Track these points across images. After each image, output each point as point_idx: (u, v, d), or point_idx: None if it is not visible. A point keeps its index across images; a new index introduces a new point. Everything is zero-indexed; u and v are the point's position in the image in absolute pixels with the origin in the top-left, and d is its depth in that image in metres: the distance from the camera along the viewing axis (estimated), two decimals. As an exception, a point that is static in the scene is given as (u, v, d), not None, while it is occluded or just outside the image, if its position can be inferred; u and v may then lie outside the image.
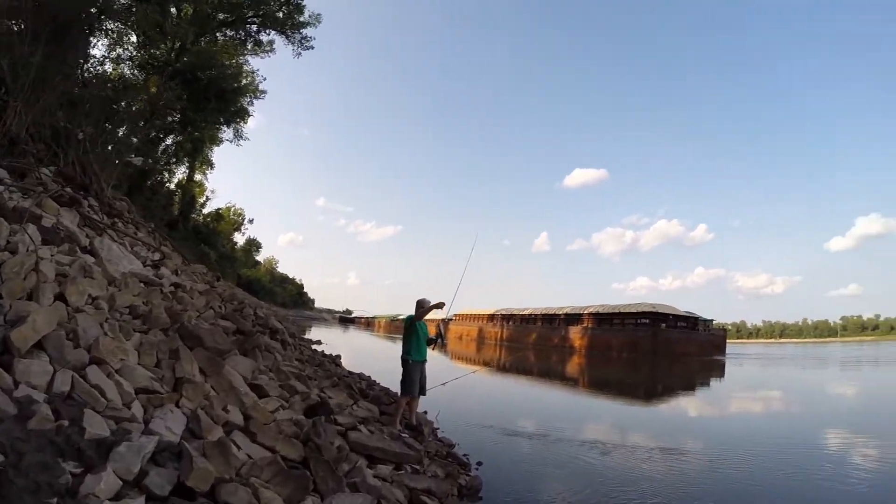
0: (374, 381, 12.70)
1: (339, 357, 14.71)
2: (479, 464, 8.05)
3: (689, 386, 24.18)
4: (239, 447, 4.61)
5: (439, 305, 8.70)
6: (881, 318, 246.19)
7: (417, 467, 6.56)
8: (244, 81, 39.22)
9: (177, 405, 4.87)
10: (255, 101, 41.46)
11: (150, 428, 4.21)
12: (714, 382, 26.83)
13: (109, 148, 13.09)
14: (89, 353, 4.78)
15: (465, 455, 8.28)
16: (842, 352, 73.54)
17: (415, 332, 8.65)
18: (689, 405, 17.88)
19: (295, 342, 13.31)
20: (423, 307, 8.66)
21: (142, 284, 8.08)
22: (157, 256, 10.83)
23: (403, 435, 7.54)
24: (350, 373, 12.57)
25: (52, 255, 6.68)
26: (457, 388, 10.73)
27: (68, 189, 9.69)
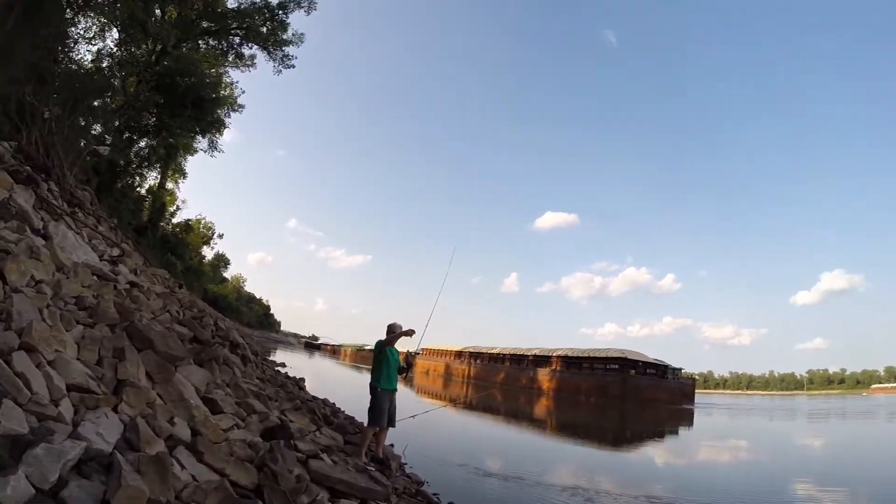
0: (339, 409, 11.91)
1: (302, 380, 13.79)
2: (450, 504, 7.36)
3: (660, 433, 23.78)
4: (182, 466, 3.91)
5: (409, 333, 7.94)
6: (847, 373, 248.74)
7: (384, 505, 5.86)
8: (223, 92, 38.96)
9: (114, 410, 4.14)
10: (232, 113, 40.96)
11: (79, 432, 3.52)
12: (684, 430, 26.60)
13: (76, 133, 12.23)
14: (20, 337, 4.08)
15: (435, 494, 7.58)
16: (809, 405, 74.27)
17: (385, 359, 7.99)
18: (660, 452, 17.44)
19: (257, 360, 12.49)
20: (394, 332, 8.01)
21: (94, 277, 7.34)
22: (115, 252, 10.06)
23: (370, 468, 6.77)
24: (314, 397, 11.74)
25: (-6, 230, 5.98)
26: (425, 422, 10.00)
27: (27, 167, 8.94)
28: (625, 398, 51.99)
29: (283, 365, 25.26)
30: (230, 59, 39.31)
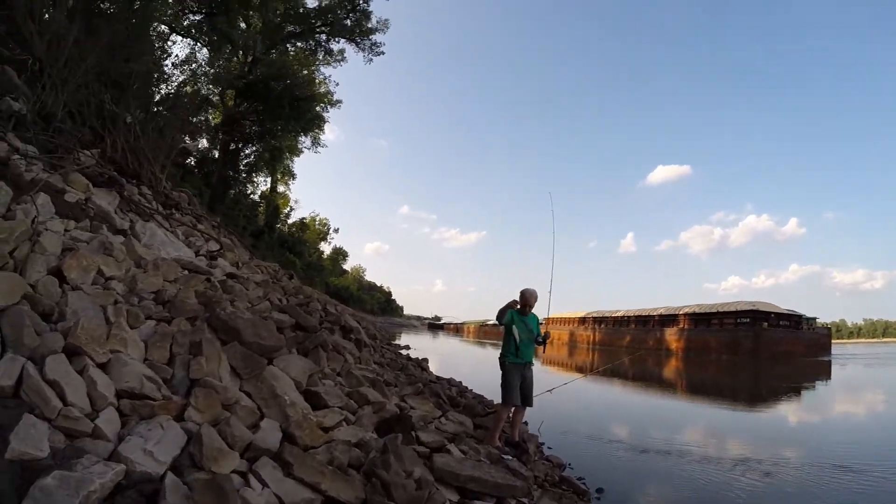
0: (466, 388, 11.03)
1: (425, 361, 13.03)
2: (600, 491, 6.26)
3: (796, 388, 21.16)
4: (264, 484, 3.11)
5: (512, 304, 7.18)
6: None
7: (525, 501, 4.90)
8: (317, 90, 39.38)
9: (180, 418, 3.39)
10: (330, 109, 41.65)
11: (119, 451, 2.75)
12: (822, 384, 24.21)
13: (162, 134, 11.91)
14: (65, 338, 3.38)
15: (580, 479, 6.51)
16: None
17: (509, 329, 7.03)
18: (802, 410, 15.69)
19: (376, 344, 11.80)
20: (525, 298, 7.17)
21: (185, 271, 6.74)
22: (215, 247, 9.55)
23: (505, 456, 5.83)
24: (438, 378, 10.91)
25: (65, 230, 5.42)
26: (561, 395, 8.93)
27: (109, 169, 8.53)
28: (758, 353, 49.03)
29: (408, 347, 25.02)
30: (320, 56, 39.54)
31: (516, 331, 6.96)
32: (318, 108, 38.96)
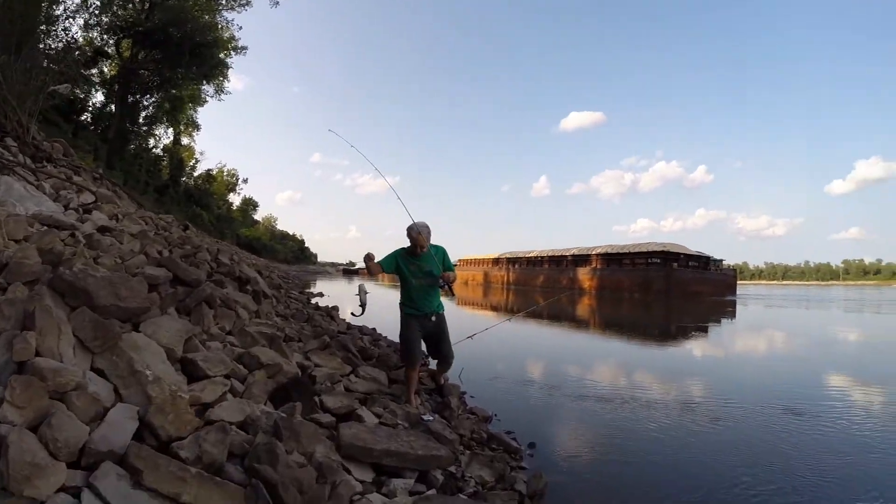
0: (380, 335, 10.28)
1: (335, 309, 12.13)
2: (532, 446, 5.65)
3: (704, 327, 22.04)
4: (104, 502, 2.29)
5: (369, 259, 6.22)
6: (883, 263, 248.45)
7: (452, 470, 4.24)
8: (220, 35, 37.91)
9: (-20, 422, 2.50)
10: (235, 55, 40.48)
11: None
12: (727, 322, 25.15)
13: (28, 77, 10.45)
14: None
15: (509, 433, 5.91)
16: (844, 294, 71.47)
17: (402, 275, 6.20)
18: (708, 345, 15.95)
19: (280, 294, 10.85)
20: (410, 235, 6.13)
21: (43, 227, 5.71)
22: (89, 199, 8.41)
23: (425, 417, 5.13)
24: (349, 327, 10.08)
25: None
26: (479, 339, 8.23)
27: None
28: (669, 292, 51.31)
29: (321, 295, 24.22)
30: (223, 1, 37.71)
31: (408, 276, 6.12)
32: (221, 55, 37.70)
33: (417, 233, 5.97)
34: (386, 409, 5.08)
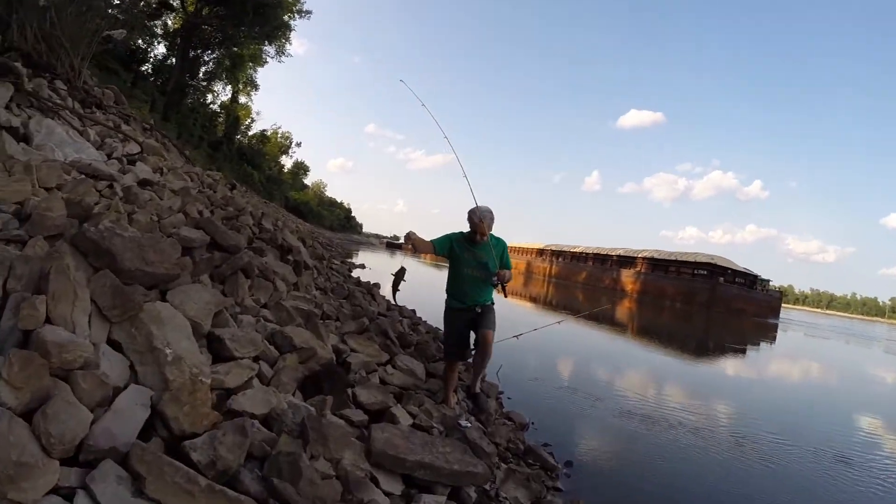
0: (420, 319, 9.88)
1: (376, 286, 11.76)
2: (569, 465, 5.28)
3: (742, 348, 21.62)
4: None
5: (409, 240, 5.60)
6: None
7: (487, 489, 3.87)
8: None
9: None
10: (298, 18, 40.33)
11: None
12: (766, 345, 24.70)
13: (84, 20, 10.22)
14: None
15: (546, 446, 5.52)
16: (887, 334, 68.32)
17: (453, 262, 5.63)
18: (742, 367, 15.80)
19: (322, 265, 10.53)
20: (471, 220, 5.44)
21: (81, 176, 5.44)
22: (135, 149, 8.17)
23: (462, 423, 4.70)
24: (389, 307, 9.65)
25: None
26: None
27: (7, 57, 7.13)
28: (711, 306, 50.22)
29: (363, 266, 24.00)
30: None
31: (461, 264, 5.51)
32: (285, 17, 37.60)
33: (479, 219, 5.28)
34: (421, 407, 4.71)
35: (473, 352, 5.54)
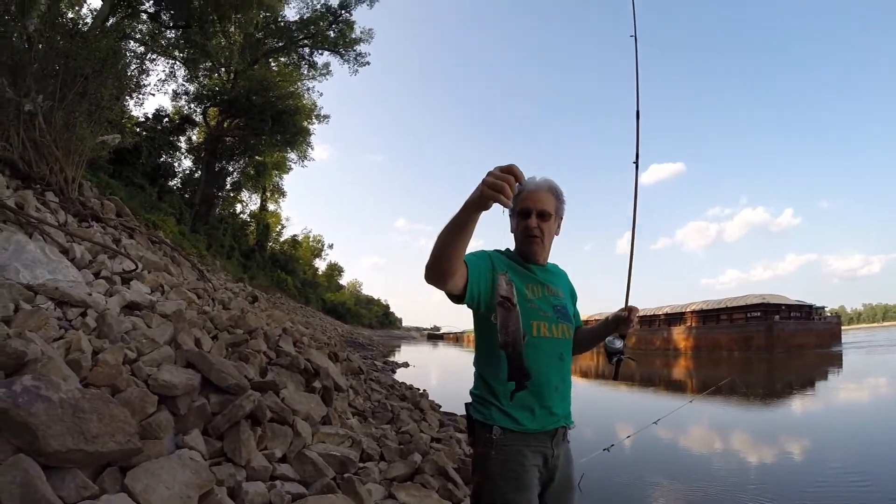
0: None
1: (423, 396, 10.18)
2: None
3: (811, 381, 20.54)
4: None
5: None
6: None
7: None
8: (301, 102, 38.46)
9: None
10: (318, 123, 41.14)
11: None
12: (834, 374, 23.86)
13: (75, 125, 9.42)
14: None
15: None
16: None
17: (491, 332, 2.01)
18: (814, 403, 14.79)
19: (360, 381, 9.09)
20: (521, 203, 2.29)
21: (47, 303, 4.26)
22: (130, 266, 7.02)
23: None
24: (441, 424, 8.07)
25: None
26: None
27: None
28: (771, 347, 46.69)
29: (406, 365, 22.58)
30: (304, 70, 38.77)
31: (527, 310, 2.13)
32: (304, 123, 38.13)
33: (528, 189, 2.28)
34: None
35: None
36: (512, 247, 2.43)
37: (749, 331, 51.32)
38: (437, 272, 1.79)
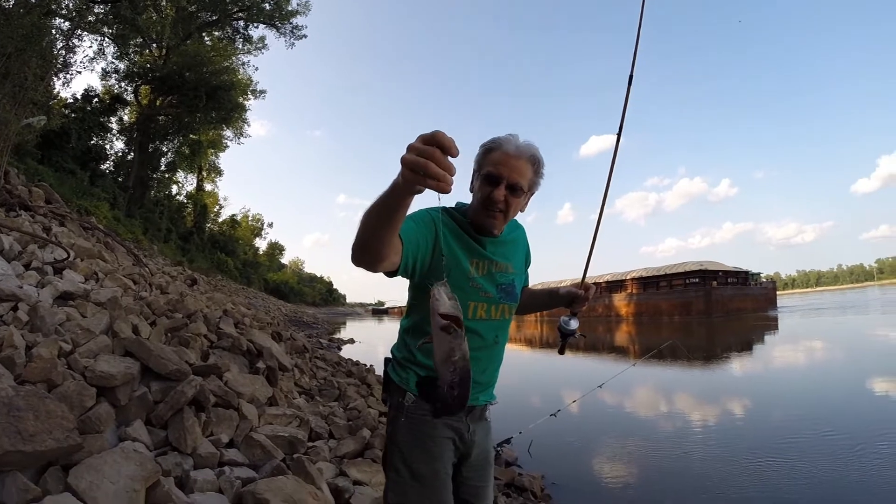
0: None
1: (369, 371, 10.11)
2: None
3: (748, 343, 21.95)
4: None
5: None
6: None
7: None
8: (237, 77, 37.61)
9: None
10: (254, 99, 40.30)
11: None
12: (770, 336, 24.98)
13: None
14: None
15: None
16: (881, 296, 71.05)
17: (441, 275, 1.58)
18: (752, 364, 15.68)
19: (305, 360, 9.04)
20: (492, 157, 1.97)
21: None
22: (61, 255, 6.81)
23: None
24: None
25: None
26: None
27: None
28: (710, 312, 49.03)
29: (352, 341, 22.58)
30: (239, 45, 37.87)
31: (463, 284, 1.99)
32: (239, 98, 37.35)
33: (505, 151, 1.94)
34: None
35: None
36: (466, 200, 2.13)
37: (688, 296, 52.99)
38: (365, 260, 1.55)
